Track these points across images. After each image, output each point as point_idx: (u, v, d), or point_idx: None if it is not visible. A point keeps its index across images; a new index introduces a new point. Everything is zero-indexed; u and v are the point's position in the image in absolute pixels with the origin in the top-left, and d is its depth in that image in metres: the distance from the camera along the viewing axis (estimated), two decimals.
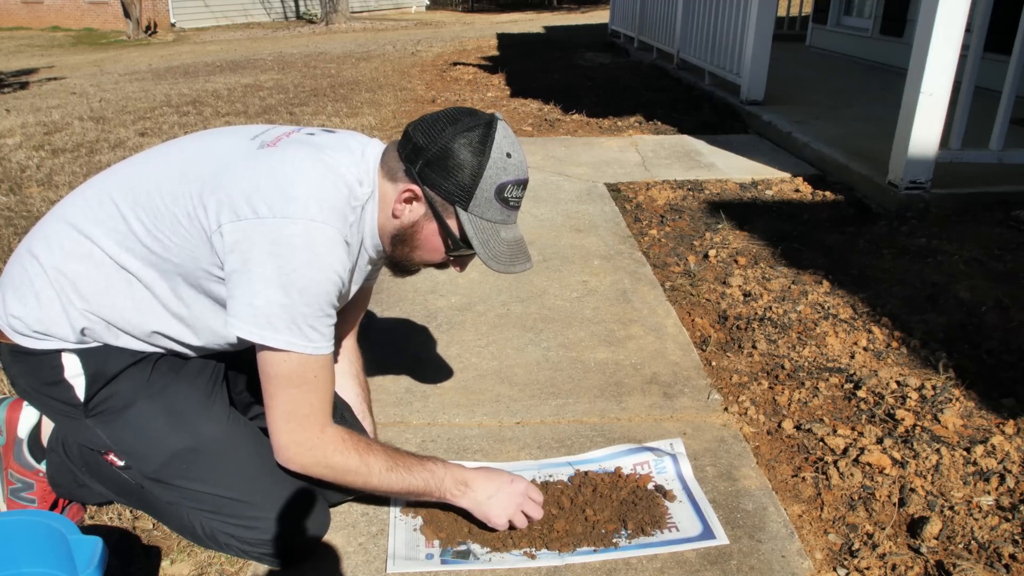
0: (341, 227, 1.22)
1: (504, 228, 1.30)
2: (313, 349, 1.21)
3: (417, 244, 1.33)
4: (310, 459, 1.26)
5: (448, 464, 1.38)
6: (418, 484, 1.33)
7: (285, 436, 1.25)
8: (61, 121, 5.61)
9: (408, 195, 1.28)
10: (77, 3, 18.51)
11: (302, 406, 1.23)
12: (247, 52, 11.29)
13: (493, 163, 1.24)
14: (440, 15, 21.72)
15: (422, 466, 1.34)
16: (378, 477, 1.29)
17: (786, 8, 9.01)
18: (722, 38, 5.49)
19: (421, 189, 1.27)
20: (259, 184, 1.19)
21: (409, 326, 2.25)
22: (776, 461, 1.65)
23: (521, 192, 1.30)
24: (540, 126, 5.06)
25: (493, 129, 1.25)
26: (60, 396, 1.30)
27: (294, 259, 1.16)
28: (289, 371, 1.21)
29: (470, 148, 1.24)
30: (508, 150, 1.26)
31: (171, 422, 1.32)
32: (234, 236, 1.17)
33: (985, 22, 2.93)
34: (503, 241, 1.30)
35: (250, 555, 1.33)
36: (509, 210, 1.29)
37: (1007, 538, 1.38)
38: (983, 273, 2.51)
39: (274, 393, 1.23)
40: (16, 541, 1.12)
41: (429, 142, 1.25)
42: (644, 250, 2.85)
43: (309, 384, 1.23)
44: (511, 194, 1.28)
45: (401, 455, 1.34)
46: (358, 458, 1.28)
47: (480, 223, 1.27)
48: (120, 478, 1.37)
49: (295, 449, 1.25)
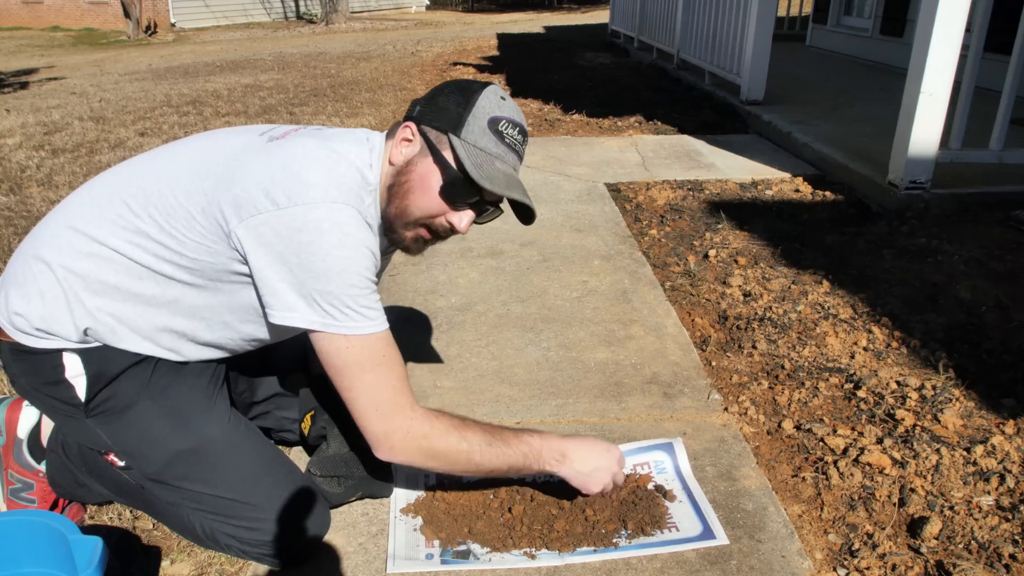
0: (360, 207, 1.22)
1: (501, 162, 1.27)
2: (373, 327, 1.19)
3: (412, 185, 1.27)
4: (411, 444, 1.23)
5: (543, 434, 1.35)
6: (517, 458, 1.29)
7: (378, 426, 1.22)
8: (61, 121, 5.61)
9: (405, 134, 1.28)
10: (77, 3, 18.51)
11: (384, 389, 1.21)
12: (247, 52, 11.29)
13: (485, 97, 1.26)
14: (440, 15, 21.72)
15: (518, 438, 1.31)
16: (479, 454, 1.26)
17: (786, 8, 9.00)
18: (722, 38, 5.49)
19: (417, 126, 1.27)
20: (273, 175, 1.19)
21: (409, 326, 2.25)
22: (776, 461, 1.65)
23: (518, 135, 1.28)
24: (540, 126, 5.06)
25: (487, 84, 1.30)
26: (61, 396, 1.30)
27: (325, 242, 1.15)
28: (358, 356, 1.19)
29: (463, 90, 1.27)
30: (502, 95, 1.29)
31: (172, 423, 1.32)
32: (258, 230, 1.17)
33: (985, 22, 2.93)
34: (498, 169, 1.26)
35: (250, 555, 1.33)
36: (505, 147, 1.27)
37: (1007, 538, 1.38)
38: (983, 273, 2.51)
39: (350, 385, 1.20)
40: (16, 541, 1.12)
41: (426, 96, 1.31)
42: (644, 250, 2.85)
43: (382, 365, 1.21)
44: (505, 129, 1.26)
45: (495, 428, 1.31)
46: (457, 435, 1.25)
47: (474, 151, 1.24)
48: (120, 478, 1.37)
49: (395, 437, 1.22)
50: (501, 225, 2.93)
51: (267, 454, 1.40)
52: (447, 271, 2.63)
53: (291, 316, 1.18)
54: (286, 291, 1.17)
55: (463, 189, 1.25)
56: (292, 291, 1.16)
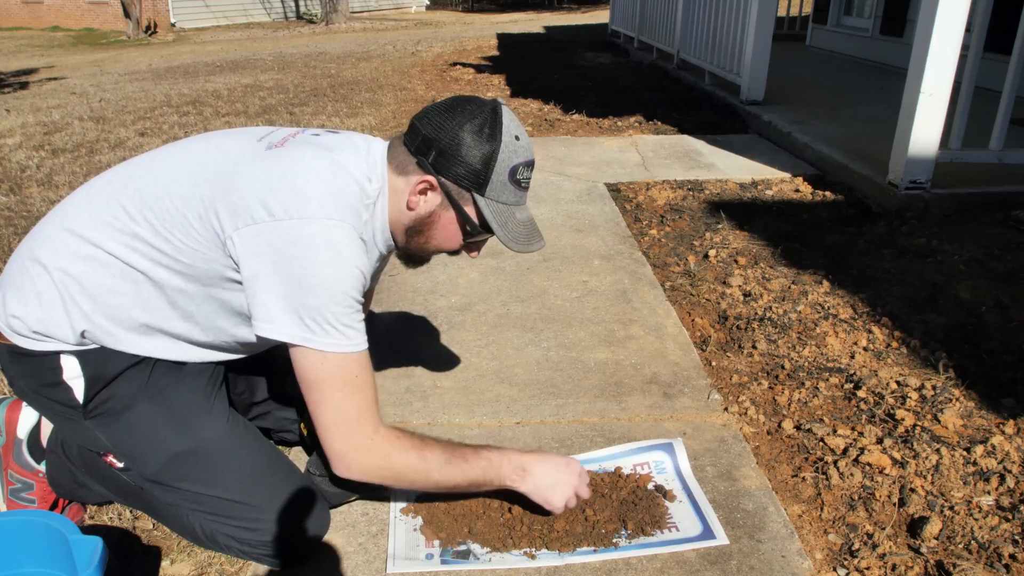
0: (356, 224, 1.23)
1: (518, 209, 1.34)
2: (351, 347, 1.20)
3: (434, 234, 1.35)
4: (370, 463, 1.24)
5: (502, 450, 1.36)
6: (476, 474, 1.31)
7: (339, 443, 1.23)
8: (61, 121, 5.61)
9: (424, 186, 1.29)
10: (77, 3, 18.51)
11: (350, 409, 1.22)
12: (247, 52, 11.29)
13: (504, 147, 1.27)
14: (440, 15, 21.72)
15: (477, 455, 1.32)
16: (438, 472, 1.27)
17: (786, 8, 9.00)
18: (722, 38, 5.49)
19: (436, 179, 1.28)
20: (272, 186, 1.19)
21: (409, 326, 2.25)
22: (776, 461, 1.65)
23: (531, 173, 1.33)
24: (540, 126, 5.06)
25: (499, 114, 1.28)
26: (59, 398, 1.30)
27: (316, 258, 1.16)
28: (330, 373, 1.20)
29: (481, 135, 1.26)
30: (515, 133, 1.29)
31: (171, 424, 1.32)
32: (252, 240, 1.17)
33: (985, 22, 2.93)
34: (519, 222, 1.33)
35: (250, 556, 1.33)
36: (521, 191, 1.33)
37: (1007, 538, 1.38)
38: (983, 273, 2.51)
39: (319, 400, 1.21)
40: (16, 541, 1.12)
41: (439, 132, 1.27)
42: (644, 250, 2.85)
43: (352, 384, 1.21)
44: (523, 176, 1.31)
45: (455, 446, 1.33)
46: (416, 455, 1.26)
47: (497, 207, 1.30)
48: (120, 479, 1.37)
49: (353, 455, 1.23)
50: None
51: (266, 454, 1.40)
52: (447, 271, 2.63)
53: (271, 328, 1.18)
54: (271, 303, 1.17)
55: (484, 239, 1.38)
56: (276, 303, 1.17)
